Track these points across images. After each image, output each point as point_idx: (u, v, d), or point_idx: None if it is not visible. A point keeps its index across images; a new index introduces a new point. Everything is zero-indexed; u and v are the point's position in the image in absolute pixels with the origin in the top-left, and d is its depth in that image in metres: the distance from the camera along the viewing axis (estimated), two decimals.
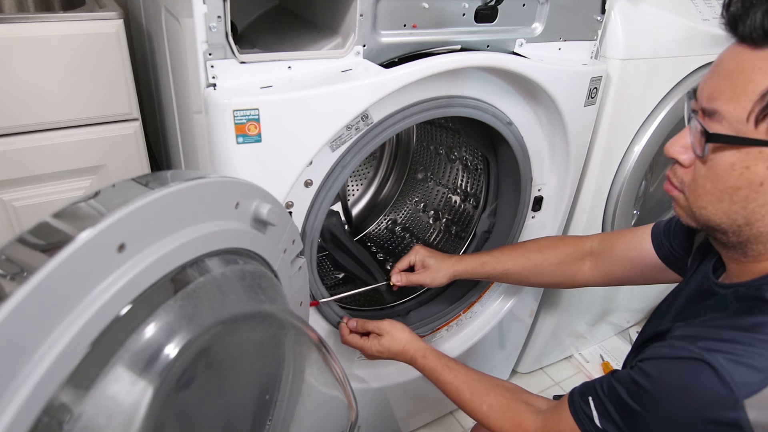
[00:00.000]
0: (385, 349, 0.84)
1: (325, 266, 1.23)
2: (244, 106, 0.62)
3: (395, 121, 0.78)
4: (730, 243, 0.56)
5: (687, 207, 0.58)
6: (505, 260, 0.94)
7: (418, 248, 0.97)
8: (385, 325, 0.86)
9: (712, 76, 0.53)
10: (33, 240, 0.39)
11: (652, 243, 0.82)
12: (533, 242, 0.96)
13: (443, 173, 1.29)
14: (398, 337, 0.85)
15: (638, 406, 0.54)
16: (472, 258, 0.95)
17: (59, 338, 0.37)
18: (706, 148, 0.52)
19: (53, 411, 0.37)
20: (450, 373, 0.78)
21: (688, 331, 0.55)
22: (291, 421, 0.67)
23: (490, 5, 0.80)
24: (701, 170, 0.54)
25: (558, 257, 0.91)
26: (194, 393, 0.52)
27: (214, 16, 0.60)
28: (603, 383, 0.60)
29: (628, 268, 0.86)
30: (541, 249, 0.93)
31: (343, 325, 0.90)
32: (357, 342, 0.87)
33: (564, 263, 0.91)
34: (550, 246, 0.93)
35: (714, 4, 1.10)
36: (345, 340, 0.89)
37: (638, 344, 0.71)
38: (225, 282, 0.52)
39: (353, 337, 0.88)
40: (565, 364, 1.58)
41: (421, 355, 0.82)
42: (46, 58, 0.77)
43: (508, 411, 0.71)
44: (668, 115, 1.09)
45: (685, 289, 0.69)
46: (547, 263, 0.92)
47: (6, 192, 0.83)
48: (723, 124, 0.50)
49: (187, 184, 0.48)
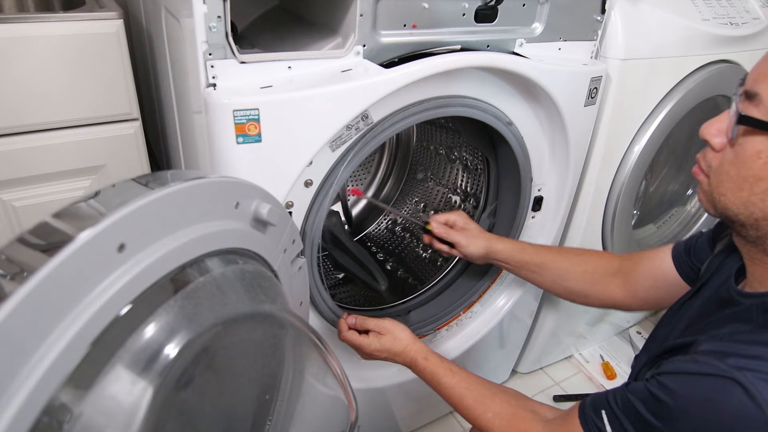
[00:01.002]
0: (384, 348, 0.82)
1: (325, 266, 1.24)
2: (244, 106, 0.62)
3: (395, 121, 0.78)
4: (749, 237, 0.55)
5: (709, 192, 0.57)
6: (544, 254, 0.91)
7: (461, 212, 0.95)
8: (386, 324, 0.84)
9: (763, 59, 0.52)
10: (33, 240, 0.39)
11: (672, 262, 0.80)
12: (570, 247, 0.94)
13: (443, 173, 1.29)
14: (399, 337, 0.82)
15: (657, 421, 0.52)
16: (512, 241, 0.92)
17: (59, 338, 0.37)
18: (735, 130, 0.52)
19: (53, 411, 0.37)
20: (453, 377, 0.76)
21: (715, 346, 0.52)
22: (291, 421, 0.67)
23: (490, 5, 0.80)
24: (728, 154, 0.54)
25: (593, 266, 0.89)
26: (194, 393, 0.52)
27: (214, 16, 0.60)
28: (616, 396, 0.58)
29: (652, 288, 0.83)
30: (579, 254, 0.91)
31: (342, 320, 0.87)
32: (355, 339, 0.84)
33: (597, 274, 0.88)
34: (586, 254, 0.91)
35: (714, 4, 1.10)
36: (342, 337, 0.85)
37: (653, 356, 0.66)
38: (225, 282, 0.52)
39: (351, 334, 0.85)
40: (565, 364, 1.58)
41: (423, 357, 0.80)
42: (46, 58, 0.77)
43: (514, 419, 0.69)
44: (668, 115, 1.09)
45: (699, 295, 0.67)
46: (583, 269, 0.89)
47: (6, 192, 0.83)
48: (760, 108, 0.50)
49: (187, 184, 0.48)
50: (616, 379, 1.52)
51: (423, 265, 1.25)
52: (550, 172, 1.05)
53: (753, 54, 1.20)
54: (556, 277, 0.91)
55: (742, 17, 1.14)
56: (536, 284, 0.95)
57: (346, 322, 0.86)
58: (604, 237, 1.25)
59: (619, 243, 1.28)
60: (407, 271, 1.25)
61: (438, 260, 1.23)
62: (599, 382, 1.51)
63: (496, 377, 1.45)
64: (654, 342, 0.72)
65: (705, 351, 0.52)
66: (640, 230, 1.46)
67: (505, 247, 0.92)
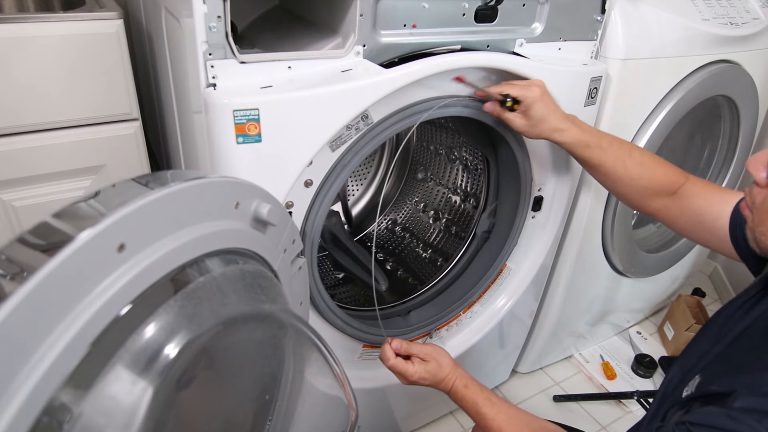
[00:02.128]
0: (430, 375, 0.78)
1: (325, 266, 1.23)
2: (244, 106, 0.62)
3: (395, 121, 0.78)
4: None
5: (752, 229, 0.54)
6: (609, 154, 0.84)
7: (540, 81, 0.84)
8: (429, 350, 0.80)
9: None
10: (33, 240, 0.39)
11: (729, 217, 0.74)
12: (640, 152, 0.87)
13: (443, 173, 1.29)
14: (443, 363, 0.79)
15: None
16: (581, 135, 0.84)
17: (59, 338, 0.37)
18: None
19: (53, 411, 0.37)
20: (492, 408, 0.74)
21: (755, 404, 0.48)
22: (291, 421, 0.67)
23: (490, 5, 0.80)
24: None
25: (650, 182, 0.84)
26: (194, 393, 0.52)
27: (214, 16, 0.60)
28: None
29: (693, 224, 0.80)
30: (643, 165, 0.85)
31: (387, 346, 0.81)
32: (402, 367, 0.79)
33: (650, 190, 0.84)
34: (652, 168, 0.85)
35: (714, 4, 1.10)
36: (391, 364, 0.80)
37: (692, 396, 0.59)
38: (225, 282, 0.52)
39: (399, 362, 0.80)
40: (565, 364, 1.58)
41: (463, 384, 0.77)
42: (46, 58, 0.77)
43: None
44: (668, 115, 1.09)
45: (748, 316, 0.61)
46: (638, 182, 0.84)
47: (6, 192, 0.83)
48: None
49: (187, 184, 0.48)
50: (615, 379, 1.52)
51: (423, 265, 1.25)
52: (550, 172, 1.05)
53: (753, 54, 1.20)
54: (608, 178, 0.87)
55: (742, 17, 1.14)
56: (587, 171, 0.91)
57: (391, 347, 0.81)
58: (604, 237, 1.25)
59: (619, 243, 1.28)
60: (407, 271, 1.25)
61: (438, 260, 1.23)
62: (599, 382, 1.51)
63: (496, 377, 1.45)
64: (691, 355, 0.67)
65: (743, 408, 0.48)
66: (640, 230, 1.46)
67: (567, 140, 0.84)
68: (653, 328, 1.74)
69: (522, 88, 0.81)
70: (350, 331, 0.95)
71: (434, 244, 1.27)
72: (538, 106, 0.81)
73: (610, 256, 1.30)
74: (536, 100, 0.81)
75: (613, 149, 0.84)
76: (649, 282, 1.53)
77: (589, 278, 1.34)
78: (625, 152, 0.85)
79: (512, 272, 1.17)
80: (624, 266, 1.35)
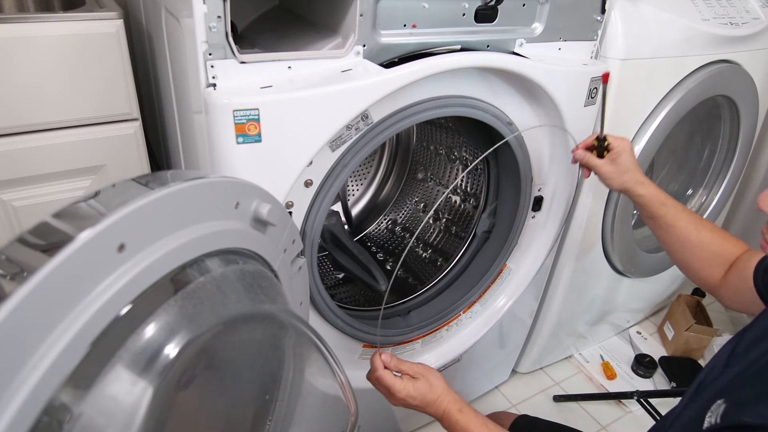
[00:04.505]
0: (419, 394, 0.74)
1: (325, 266, 1.23)
2: (244, 106, 0.62)
3: (395, 121, 0.78)
4: None
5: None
6: (681, 217, 0.84)
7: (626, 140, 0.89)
8: (420, 369, 0.76)
9: None
10: (33, 240, 0.39)
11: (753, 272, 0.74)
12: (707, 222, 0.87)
13: (443, 173, 1.29)
14: (434, 384, 0.75)
15: None
16: (658, 192, 0.86)
17: (59, 338, 0.37)
18: None
19: (53, 411, 0.37)
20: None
21: None
22: (291, 421, 0.67)
23: (490, 5, 0.80)
24: None
25: (717, 251, 0.83)
26: (194, 393, 0.52)
27: (214, 16, 0.60)
28: None
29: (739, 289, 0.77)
30: (714, 231, 0.84)
31: (376, 357, 0.78)
32: (390, 380, 0.75)
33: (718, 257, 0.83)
34: (722, 235, 0.84)
35: (714, 4, 1.10)
36: (378, 375, 0.76)
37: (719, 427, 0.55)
38: (225, 282, 0.52)
39: (387, 374, 0.75)
40: (565, 364, 1.58)
41: (457, 409, 0.73)
42: (46, 58, 0.77)
43: None
44: (668, 115, 1.09)
45: None
46: (709, 247, 0.83)
47: (6, 192, 0.83)
48: None
49: (187, 184, 0.48)
50: (615, 379, 1.52)
51: (423, 265, 1.25)
52: (550, 172, 1.05)
53: (753, 54, 1.20)
54: (676, 243, 0.86)
55: (742, 17, 1.14)
56: (654, 233, 0.91)
57: (381, 359, 0.77)
58: (604, 237, 1.25)
59: (619, 243, 1.28)
60: (407, 271, 1.25)
61: (438, 260, 1.23)
62: (599, 382, 1.51)
63: (496, 377, 1.45)
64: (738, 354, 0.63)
65: None
66: (640, 230, 1.46)
67: (648, 192, 0.86)
68: (653, 328, 1.74)
69: (615, 138, 0.88)
70: (350, 331, 0.95)
71: (434, 243, 1.27)
72: (627, 156, 0.86)
73: (610, 256, 1.30)
74: (627, 150, 0.86)
75: (686, 212, 0.86)
76: (649, 282, 1.53)
77: (589, 278, 1.34)
78: (697, 216, 0.86)
79: (512, 272, 1.17)
80: (624, 266, 1.35)
